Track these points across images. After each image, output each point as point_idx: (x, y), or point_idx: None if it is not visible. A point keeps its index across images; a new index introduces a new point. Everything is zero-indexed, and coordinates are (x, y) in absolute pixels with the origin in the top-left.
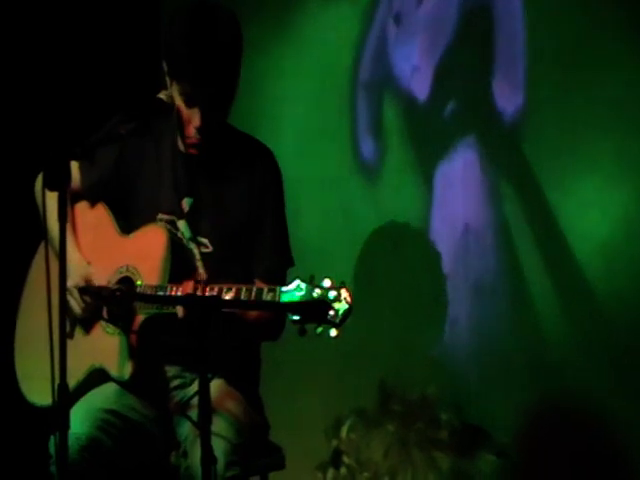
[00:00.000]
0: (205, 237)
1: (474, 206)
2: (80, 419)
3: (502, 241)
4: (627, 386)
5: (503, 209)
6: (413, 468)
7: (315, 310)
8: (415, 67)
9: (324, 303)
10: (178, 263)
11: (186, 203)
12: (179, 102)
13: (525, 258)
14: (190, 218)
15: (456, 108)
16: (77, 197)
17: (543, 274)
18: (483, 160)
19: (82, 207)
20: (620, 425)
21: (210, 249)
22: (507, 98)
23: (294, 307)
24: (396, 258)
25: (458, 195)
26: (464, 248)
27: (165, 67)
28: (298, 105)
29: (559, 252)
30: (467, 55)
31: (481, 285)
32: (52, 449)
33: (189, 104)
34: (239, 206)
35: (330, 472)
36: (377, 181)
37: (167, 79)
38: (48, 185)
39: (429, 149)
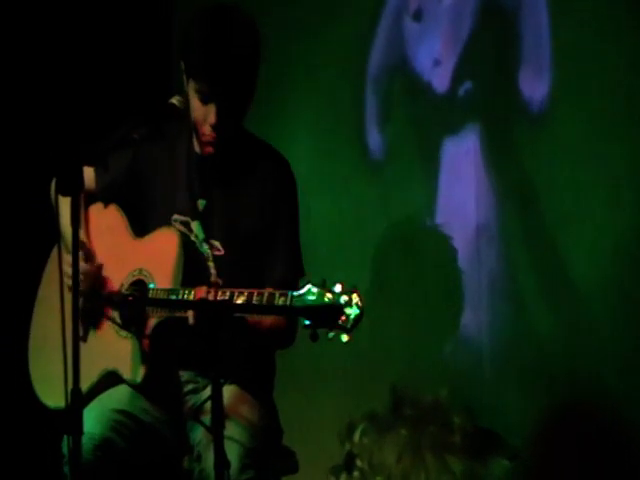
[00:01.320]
0: (217, 240)
1: (488, 204)
2: (93, 419)
3: (517, 241)
4: None
5: (518, 207)
6: (426, 472)
7: (327, 315)
8: (436, 60)
9: (336, 308)
10: (191, 266)
11: (201, 204)
12: (195, 100)
13: (540, 258)
14: (204, 219)
15: (474, 100)
16: (92, 199)
17: (557, 277)
18: (500, 154)
19: (96, 209)
20: (635, 429)
21: (222, 252)
22: (532, 89)
23: (306, 312)
24: (408, 260)
25: (472, 193)
26: (477, 249)
27: (182, 65)
28: (310, 104)
29: (576, 253)
30: (490, 47)
31: (494, 288)
32: (65, 449)
33: (205, 101)
34: (252, 212)
35: (343, 476)
36: (389, 180)
37: (184, 77)
38: (61, 191)
39: (446, 144)
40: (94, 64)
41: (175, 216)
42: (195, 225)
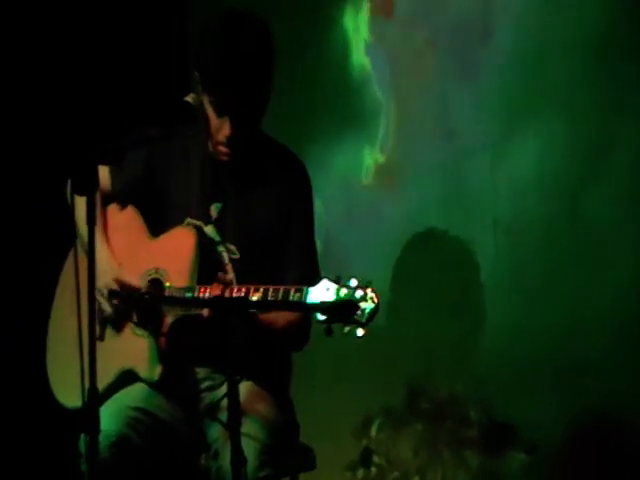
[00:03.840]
0: (232, 244)
1: (504, 200)
2: (110, 416)
3: (534, 236)
4: None
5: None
6: (442, 466)
7: (342, 310)
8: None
9: (351, 303)
10: (206, 265)
11: (214, 208)
12: (209, 111)
13: (557, 253)
14: (218, 223)
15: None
16: (108, 199)
17: (575, 271)
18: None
19: (113, 209)
20: None
21: (237, 256)
22: None
23: (321, 307)
24: (423, 255)
25: (488, 189)
26: (494, 241)
27: (196, 76)
28: (322, 102)
29: (593, 248)
30: None
31: (510, 282)
32: (82, 447)
33: (219, 113)
34: (267, 214)
35: (360, 471)
36: (403, 177)
37: (198, 87)
38: (76, 190)
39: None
40: (109, 64)
41: (188, 220)
42: (209, 229)
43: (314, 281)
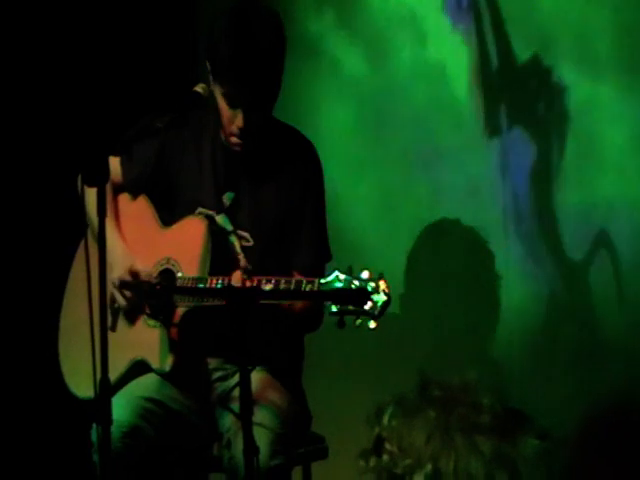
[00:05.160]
0: (245, 231)
1: (514, 191)
2: (122, 407)
3: (545, 225)
4: None
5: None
6: (455, 453)
7: (354, 300)
8: None
9: (363, 293)
10: (218, 255)
11: (227, 197)
12: (221, 102)
13: (570, 240)
14: (231, 212)
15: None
16: (120, 189)
17: (591, 256)
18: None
19: (124, 199)
20: None
21: (251, 243)
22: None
23: (332, 296)
24: (434, 243)
25: (499, 180)
26: (504, 233)
27: (208, 67)
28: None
29: (606, 234)
30: None
31: (523, 268)
32: (94, 438)
33: (232, 105)
34: (279, 200)
35: (372, 460)
36: (416, 167)
37: (210, 78)
38: (87, 182)
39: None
40: (119, 55)
41: (199, 209)
42: (220, 218)
43: (326, 263)
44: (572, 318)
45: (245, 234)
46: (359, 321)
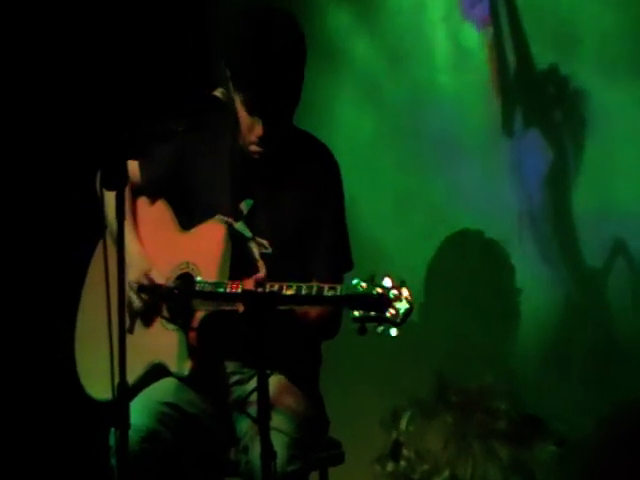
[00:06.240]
0: (264, 238)
1: (531, 193)
2: (140, 411)
3: (561, 230)
4: None
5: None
6: (472, 458)
7: (375, 306)
8: None
9: (385, 300)
10: (237, 260)
11: (245, 205)
12: (241, 109)
13: (585, 245)
14: (249, 219)
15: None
16: (138, 192)
17: (607, 261)
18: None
19: (143, 202)
20: None
21: (269, 250)
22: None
23: (355, 302)
24: (450, 248)
25: (514, 184)
26: (519, 237)
27: (228, 74)
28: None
29: (622, 239)
30: None
31: (538, 273)
32: (112, 441)
33: (251, 112)
34: (298, 207)
35: (389, 465)
36: (433, 171)
37: (230, 85)
38: (106, 185)
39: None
40: (137, 58)
41: (218, 216)
42: (239, 225)
43: (347, 272)
44: (588, 322)
45: (264, 242)
46: (381, 328)
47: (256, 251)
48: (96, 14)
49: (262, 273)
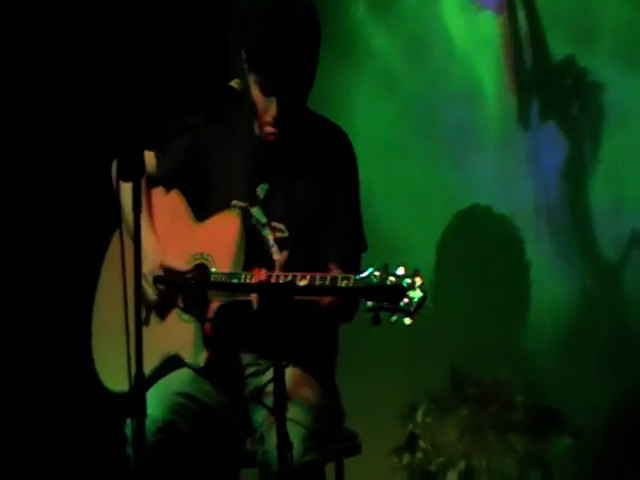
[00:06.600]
0: (280, 222)
1: (547, 186)
2: (156, 402)
3: (577, 222)
4: None
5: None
6: (488, 450)
7: (389, 296)
8: None
9: (399, 289)
10: (252, 250)
11: (261, 189)
12: (256, 91)
13: (601, 237)
14: (265, 204)
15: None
16: (153, 183)
17: (623, 253)
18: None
19: (158, 193)
20: None
21: (286, 234)
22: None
23: (368, 292)
24: (466, 239)
25: (530, 176)
26: (536, 229)
27: (243, 55)
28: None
29: (639, 232)
30: None
31: (554, 265)
32: (128, 432)
33: (266, 93)
34: (314, 190)
35: (406, 456)
36: (449, 162)
37: (244, 67)
38: (122, 176)
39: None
40: (155, 50)
41: (234, 202)
42: (255, 210)
43: (361, 253)
44: (604, 315)
45: (280, 225)
46: (394, 317)
47: (271, 237)
48: (114, 7)
49: (284, 255)
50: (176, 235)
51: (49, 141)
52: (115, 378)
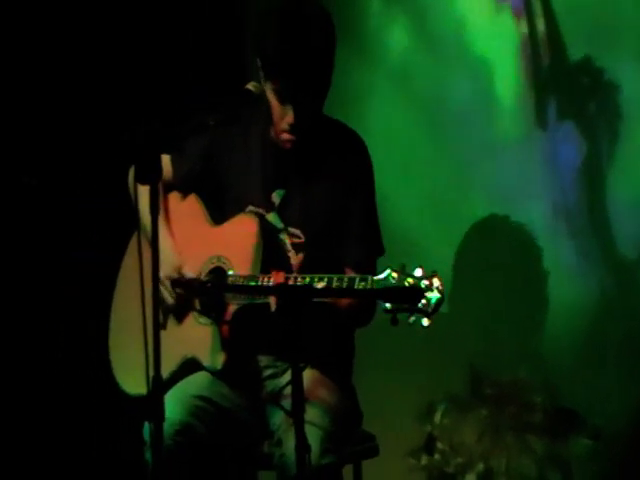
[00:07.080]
0: (297, 228)
1: (565, 185)
2: (174, 405)
3: (595, 222)
4: None
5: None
6: (507, 451)
7: (407, 298)
8: None
9: (417, 291)
10: (269, 253)
11: (277, 195)
12: (272, 98)
13: (620, 237)
14: (281, 210)
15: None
16: (170, 187)
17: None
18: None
19: (175, 197)
20: None
21: (302, 239)
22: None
23: (386, 294)
24: (483, 240)
25: (548, 176)
26: (554, 229)
27: (259, 63)
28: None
29: None
30: None
31: (572, 265)
32: (146, 435)
33: (282, 101)
34: (329, 195)
35: (424, 458)
36: (465, 163)
37: (260, 74)
38: (139, 179)
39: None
40: (172, 52)
41: (250, 207)
42: (271, 217)
43: (377, 257)
44: (622, 314)
45: (297, 231)
46: (412, 318)
47: (288, 242)
48: (130, 9)
49: (299, 257)
50: (193, 238)
51: (56, 143)
52: (133, 381)
